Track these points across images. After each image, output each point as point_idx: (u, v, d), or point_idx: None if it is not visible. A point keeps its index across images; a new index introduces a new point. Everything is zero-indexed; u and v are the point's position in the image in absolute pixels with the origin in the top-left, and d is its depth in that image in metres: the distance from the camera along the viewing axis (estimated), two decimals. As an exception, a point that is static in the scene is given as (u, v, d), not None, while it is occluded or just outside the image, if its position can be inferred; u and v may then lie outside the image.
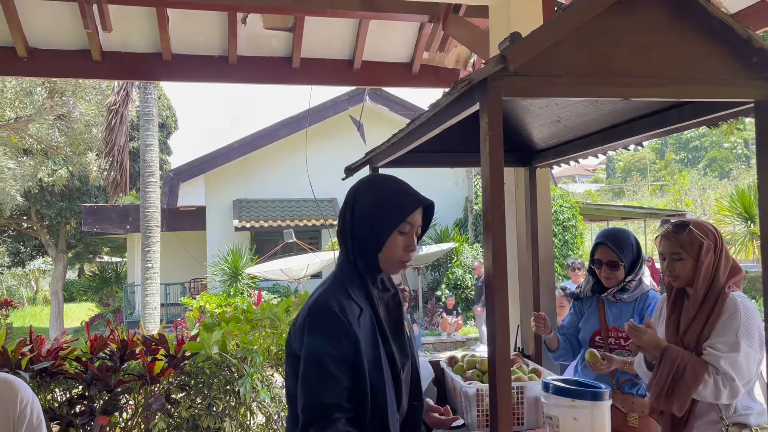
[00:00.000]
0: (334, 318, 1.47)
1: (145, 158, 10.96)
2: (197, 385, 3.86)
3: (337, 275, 1.62)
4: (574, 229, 14.23)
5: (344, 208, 1.63)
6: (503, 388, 1.43)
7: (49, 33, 3.98)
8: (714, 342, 2.07)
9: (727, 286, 2.14)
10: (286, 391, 1.64)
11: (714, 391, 2.02)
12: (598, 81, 1.45)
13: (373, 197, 1.59)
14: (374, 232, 1.56)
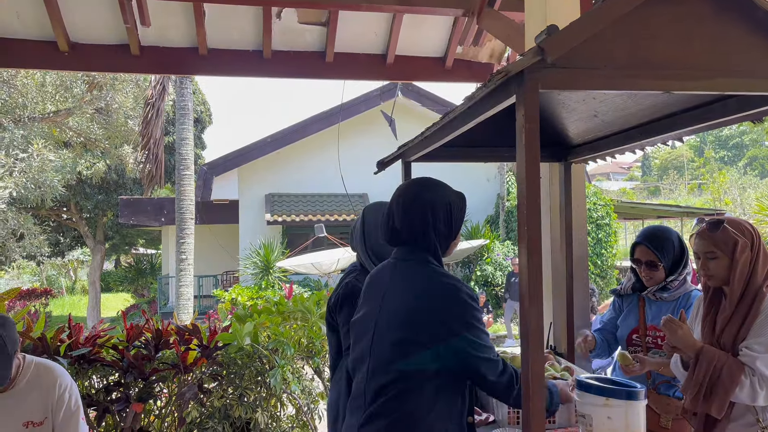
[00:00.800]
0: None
1: (180, 152, 11.14)
2: (229, 376, 3.92)
3: (430, 266, 1.84)
4: (607, 227, 13.98)
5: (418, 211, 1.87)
6: (536, 385, 1.41)
7: (89, 28, 4.06)
8: (750, 343, 2.01)
9: (765, 286, 2.08)
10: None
11: (750, 393, 1.97)
12: (638, 73, 1.41)
13: (448, 199, 1.90)
14: (456, 225, 1.91)
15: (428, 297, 1.76)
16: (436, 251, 1.87)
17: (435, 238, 1.86)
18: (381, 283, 1.93)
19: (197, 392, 3.79)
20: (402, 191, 1.95)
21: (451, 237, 1.92)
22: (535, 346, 1.40)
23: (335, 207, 16.19)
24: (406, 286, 1.83)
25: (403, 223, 1.88)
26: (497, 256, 14.67)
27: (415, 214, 1.86)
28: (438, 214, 1.86)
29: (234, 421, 3.85)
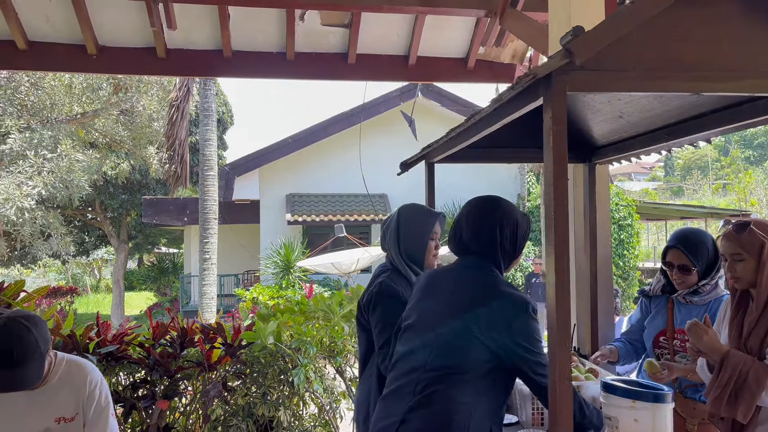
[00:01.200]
0: None
1: (203, 152, 11.27)
2: (252, 374, 3.97)
3: (498, 276, 1.94)
4: (630, 228, 13.83)
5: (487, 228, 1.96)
6: (563, 387, 1.42)
7: (117, 31, 4.14)
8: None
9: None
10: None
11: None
12: (666, 75, 1.41)
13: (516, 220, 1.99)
14: (519, 244, 2.01)
15: (497, 303, 1.82)
16: (500, 266, 1.97)
17: (500, 254, 1.96)
18: (446, 282, 2.01)
19: (221, 390, 3.84)
20: (471, 207, 2.05)
21: (514, 255, 2.02)
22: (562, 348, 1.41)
23: (355, 207, 16.25)
24: (475, 290, 1.90)
25: (471, 238, 1.98)
26: (517, 256, 14.61)
27: (483, 231, 1.97)
28: (504, 232, 1.96)
29: (257, 419, 3.90)
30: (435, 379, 1.83)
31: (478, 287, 1.89)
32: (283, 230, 15.95)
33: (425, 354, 1.89)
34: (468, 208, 2.05)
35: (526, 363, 1.75)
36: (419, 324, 1.99)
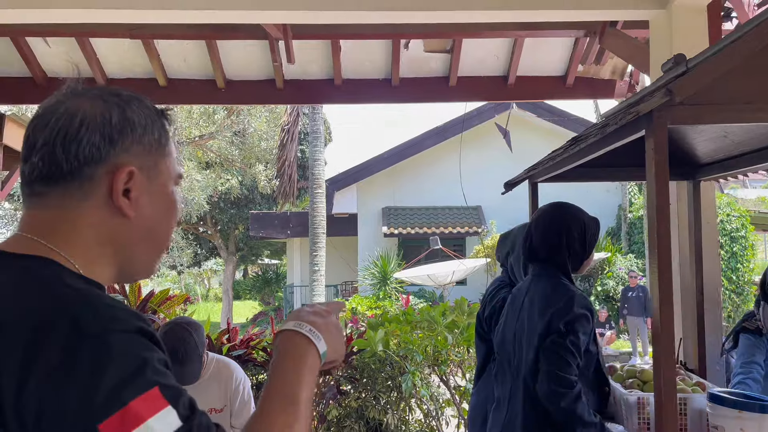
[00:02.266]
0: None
1: (312, 171, 12.05)
2: (363, 379, 4.26)
3: (560, 277, 2.10)
4: (743, 240, 13.05)
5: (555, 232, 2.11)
6: (668, 399, 1.55)
7: (242, 67, 4.61)
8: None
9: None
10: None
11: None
12: (764, 107, 1.53)
13: (583, 222, 2.14)
14: (589, 245, 2.15)
15: (551, 305, 2.00)
16: (566, 267, 2.10)
17: (567, 256, 2.09)
18: (520, 298, 2.18)
19: (336, 393, 4.16)
20: (541, 213, 2.22)
21: (584, 256, 2.16)
22: (668, 362, 1.55)
23: (450, 220, 16.41)
24: (538, 300, 2.06)
25: (541, 241, 2.14)
26: (619, 270, 14.15)
27: (551, 234, 2.11)
28: (572, 234, 2.11)
29: (368, 421, 4.18)
30: (522, 391, 2.03)
31: (540, 300, 2.05)
32: (380, 242, 16.38)
33: (512, 370, 2.11)
34: (537, 215, 2.22)
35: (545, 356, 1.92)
36: (502, 343, 2.21)
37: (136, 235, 0.87)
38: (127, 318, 0.74)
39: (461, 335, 4.36)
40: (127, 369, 0.69)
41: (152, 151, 0.88)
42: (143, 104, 0.89)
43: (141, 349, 0.71)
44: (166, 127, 0.92)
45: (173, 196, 0.93)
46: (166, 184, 0.91)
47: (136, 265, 0.91)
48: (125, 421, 0.66)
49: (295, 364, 0.88)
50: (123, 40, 4.20)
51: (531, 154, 15.41)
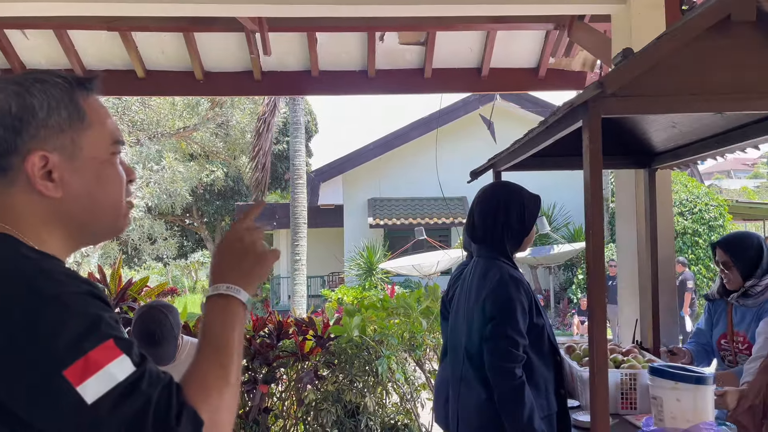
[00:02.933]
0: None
1: (293, 162, 12.14)
2: (340, 364, 4.38)
3: (499, 258, 2.15)
4: (721, 229, 13.29)
5: (493, 210, 2.16)
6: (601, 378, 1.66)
7: (219, 59, 4.68)
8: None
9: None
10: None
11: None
12: (691, 98, 1.65)
13: (522, 201, 2.19)
14: (528, 223, 2.20)
15: (485, 286, 2.08)
16: (504, 247, 2.17)
17: (506, 234, 2.16)
18: (467, 280, 2.27)
19: (314, 377, 4.27)
20: (481, 192, 2.30)
21: (524, 233, 2.21)
22: (599, 332, 1.67)
23: (435, 210, 16.55)
24: (477, 279, 2.16)
25: (480, 221, 2.21)
26: (601, 259, 14.35)
27: (488, 214, 2.18)
28: (510, 212, 2.16)
29: (345, 404, 4.30)
30: (472, 372, 2.10)
31: (479, 281, 2.12)
32: (366, 233, 16.50)
33: (461, 351, 2.18)
34: (477, 195, 2.28)
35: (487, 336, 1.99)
36: (453, 325, 2.30)
37: (76, 211, 0.91)
38: (78, 282, 0.84)
39: (436, 320, 4.48)
40: (84, 324, 0.79)
41: (65, 129, 0.89)
42: (47, 84, 0.89)
43: (95, 308, 0.81)
44: (79, 103, 0.91)
45: (108, 164, 0.94)
46: (95, 155, 0.92)
47: (92, 234, 0.97)
48: (87, 367, 0.76)
49: (223, 318, 0.95)
50: (101, 32, 4.26)
51: (514, 145, 15.60)
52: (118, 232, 1.01)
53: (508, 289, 2.01)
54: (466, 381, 2.11)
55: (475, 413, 2.06)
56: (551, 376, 2.06)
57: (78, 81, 0.93)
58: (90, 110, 0.93)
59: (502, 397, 1.95)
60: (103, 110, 0.96)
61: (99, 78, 0.96)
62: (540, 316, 2.07)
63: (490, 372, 1.97)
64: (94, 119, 0.93)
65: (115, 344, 0.79)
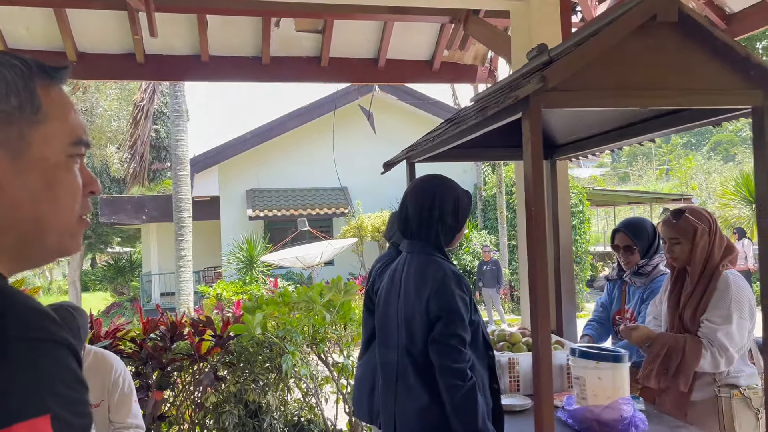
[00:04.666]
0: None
1: (176, 153, 11.48)
2: (240, 363, 4.20)
3: (434, 253, 2.09)
4: (581, 214, 14.50)
5: (428, 204, 2.12)
6: (545, 360, 1.72)
7: (96, 39, 4.27)
8: (710, 315, 2.36)
9: (722, 265, 2.43)
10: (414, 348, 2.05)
11: (712, 362, 2.31)
12: (621, 93, 1.74)
13: (457, 195, 2.16)
14: (462, 218, 2.15)
15: (425, 285, 2.01)
16: (439, 241, 2.12)
17: (440, 229, 2.11)
18: (398, 275, 2.20)
19: (213, 379, 4.06)
20: (414, 186, 2.21)
21: (457, 229, 2.17)
22: (543, 327, 1.72)
23: (316, 201, 16.44)
24: (415, 277, 2.08)
25: (414, 215, 2.13)
26: (474, 245, 15.08)
27: (423, 207, 2.11)
28: (445, 206, 2.11)
29: (248, 404, 4.14)
30: (407, 368, 2.04)
31: (417, 277, 2.06)
32: (245, 226, 16.01)
33: (395, 348, 2.12)
34: (410, 188, 2.20)
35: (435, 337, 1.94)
36: (383, 320, 2.23)
37: (11, 220, 0.73)
38: (40, 323, 0.66)
39: (338, 313, 4.44)
40: (27, 387, 0.62)
41: (12, 120, 0.73)
42: (2, 66, 0.74)
43: (48, 364, 0.64)
44: (35, 91, 0.76)
45: (62, 168, 0.77)
46: (47, 156, 0.76)
47: (29, 254, 0.77)
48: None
49: None
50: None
51: (394, 135, 15.80)
52: (64, 254, 0.80)
53: (453, 287, 1.97)
54: (405, 384, 2.04)
55: (416, 418, 2.00)
56: (486, 371, 2.04)
57: (41, 67, 0.77)
58: (48, 102, 0.77)
59: (455, 400, 1.88)
60: (67, 104, 0.80)
61: (69, 68, 0.81)
62: (476, 312, 2.05)
63: (441, 374, 1.91)
64: (52, 113, 0.77)
65: (50, 424, 0.62)
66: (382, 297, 2.28)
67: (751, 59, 1.76)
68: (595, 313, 3.19)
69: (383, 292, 2.29)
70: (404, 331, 2.08)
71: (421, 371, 2.02)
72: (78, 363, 0.68)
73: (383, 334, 2.23)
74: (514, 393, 2.61)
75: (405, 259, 2.19)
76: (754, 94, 1.82)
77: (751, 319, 2.36)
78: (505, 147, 2.97)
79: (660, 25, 1.73)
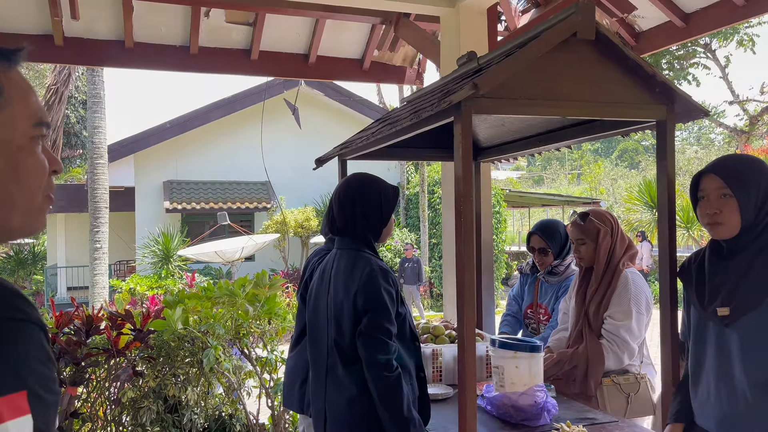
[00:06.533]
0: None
1: (93, 140, 10.96)
2: (160, 358, 4.11)
3: (362, 249, 2.15)
4: (498, 215, 15.05)
5: (349, 201, 2.17)
6: (469, 350, 1.84)
7: (10, 18, 4.04)
8: (612, 312, 2.58)
9: (622, 263, 2.66)
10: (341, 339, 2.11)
11: (615, 360, 2.54)
12: (545, 103, 1.88)
13: (380, 191, 2.21)
14: (386, 214, 2.22)
15: (354, 281, 2.08)
16: (367, 237, 2.19)
17: (367, 225, 2.18)
18: (328, 271, 2.26)
19: (131, 374, 3.95)
20: (340, 185, 2.29)
21: (383, 224, 2.25)
22: (469, 320, 1.84)
23: (237, 195, 16.12)
24: (344, 273, 2.15)
25: (339, 213, 2.20)
26: (396, 243, 15.32)
27: (348, 205, 2.18)
28: (370, 203, 2.18)
29: (167, 399, 4.05)
30: (336, 363, 2.11)
31: (345, 273, 2.12)
32: (161, 218, 15.48)
33: (324, 341, 2.18)
34: (337, 187, 2.28)
35: (363, 331, 2.01)
36: (313, 315, 2.28)
37: None
38: (14, 303, 0.69)
39: (262, 308, 4.43)
40: (5, 364, 0.65)
41: None
42: None
43: (23, 342, 0.67)
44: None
45: (25, 150, 0.79)
46: (9, 138, 0.77)
47: (2, 231, 0.80)
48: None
49: None
50: None
51: (319, 131, 15.72)
52: (31, 232, 0.84)
53: (379, 281, 2.04)
54: (334, 377, 2.11)
55: (345, 409, 2.07)
56: (412, 361, 2.13)
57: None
58: (8, 84, 0.78)
59: (382, 390, 1.97)
60: (26, 86, 0.82)
61: (25, 49, 0.82)
62: (402, 304, 2.13)
63: (368, 366, 1.99)
64: (12, 95, 0.78)
65: (27, 399, 0.65)
66: (313, 292, 2.33)
67: (657, 77, 1.96)
68: (508, 307, 3.36)
69: (314, 287, 2.34)
70: (333, 325, 2.15)
71: (349, 364, 2.09)
72: (48, 341, 0.71)
73: (313, 328, 2.29)
74: (437, 383, 2.73)
75: (335, 255, 2.25)
76: (658, 109, 2.02)
77: (648, 313, 2.60)
78: (434, 148, 3.10)
79: (580, 42, 1.89)
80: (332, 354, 2.14)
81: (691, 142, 38.01)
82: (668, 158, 2.03)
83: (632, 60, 1.92)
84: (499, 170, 53.94)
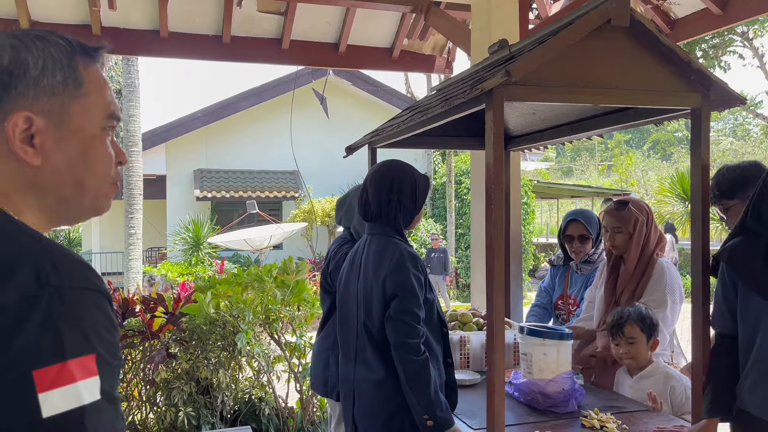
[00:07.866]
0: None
1: (128, 128, 11.26)
2: (193, 341, 4.21)
3: (393, 235, 2.19)
4: (526, 206, 14.93)
5: (387, 188, 2.21)
6: (498, 335, 1.86)
7: (51, 7, 4.15)
8: (647, 300, 2.57)
9: (655, 253, 2.65)
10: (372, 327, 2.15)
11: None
12: (577, 90, 1.88)
13: (414, 179, 2.24)
14: (419, 202, 2.25)
15: (384, 266, 2.12)
16: (398, 224, 2.22)
17: (399, 212, 2.22)
18: (359, 256, 2.30)
19: (165, 356, 4.06)
20: (373, 172, 2.31)
21: (415, 211, 2.28)
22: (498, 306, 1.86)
23: (266, 184, 16.29)
24: (374, 258, 2.19)
25: (373, 199, 2.23)
26: (421, 233, 15.32)
27: (383, 191, 2.21)
28: (404, 190, 2.21)
29: (200, 381, 4.16)
30: (366, 345, 2.15)
31: (376, 258, 2.16)
32: (192, 206, 15.73)
33: (355, 326, 2.22)
34: (370, 173, 2.31)
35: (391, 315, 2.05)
36: (344, 300, 2.32)
37: (53, 184, 0.83)
38: (86, 274, 0.75)
39: (291, 293, 4.50)
40: (75, 328, 0.71)
41: (56, 93, 0.82)
42: (49, 43, 0.83)
43: (93, 310, 0.73)
44: (78, 68, 0.85)
45: (97, 140, 0.87)
46: (84, 127, 0.85)
47: (68, 212, 0.88)
48: (60, 375, 0.68)
49: None
50: None
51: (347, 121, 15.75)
52: (97, 213, 0.92)
53: (408, 266, 2.08)
54: (364, 360, 2.15)
55: (373, 391, 2.12)
56: (440, 347, 2.16)
57: (82, 47, 0.87)
58: (89, 78, 0.86)
59: (409, 373, 2.00)
60: (103, 81, 0.89)
61: (106, 48, 0.90)
62: (431, 290, 2.16)
63: (396, 349, 2.02)
64: (91, 88, 0.86)
65: (95, 362, 0.71)
66: (343, 277, 2.37)
67: (692, 65, 1.94)
68: (538, 298, 3.36)
69: (344, 272, 2.38)
70: (363, 309, 2.19)
71: (378, 347, 2.13)
72: (113, 310, 0.77)
73: (343, 312, 2.33)
74: (464, 369, 2.75)
75: (366, 241, 2.29)
76: (693, 97, 2.00)
77: (681, 302, 2.58)
78: (464, 137, 3.11)
79: (614, 29, 1.88)
80: (361, 337, 2.19)
81: (726, 133, 37.10)
82: (702, 147, 2.01)
83: (667, 47, 1.91)
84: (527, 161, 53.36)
